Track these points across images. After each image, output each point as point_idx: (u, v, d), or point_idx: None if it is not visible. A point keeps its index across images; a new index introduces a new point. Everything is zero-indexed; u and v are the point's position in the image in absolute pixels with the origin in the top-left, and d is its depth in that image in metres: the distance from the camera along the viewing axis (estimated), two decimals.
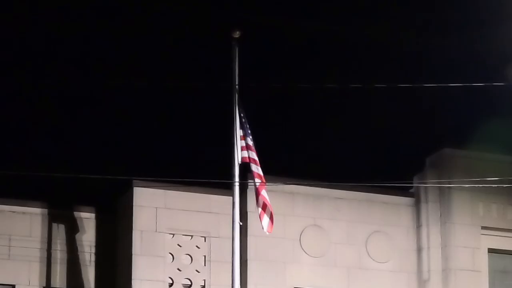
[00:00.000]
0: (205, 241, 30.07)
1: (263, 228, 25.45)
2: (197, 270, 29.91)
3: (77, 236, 30.86)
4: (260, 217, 25.43)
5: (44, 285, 30.21)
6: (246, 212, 28.01)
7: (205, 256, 30.00)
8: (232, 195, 25.48)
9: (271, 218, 25.51)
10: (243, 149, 25.66)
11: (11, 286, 30.01)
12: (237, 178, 25.59)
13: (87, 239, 30.89)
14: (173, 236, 29.84)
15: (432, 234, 32.46)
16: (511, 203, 33.05)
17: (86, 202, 31.48)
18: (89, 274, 30.94)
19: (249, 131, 25.76)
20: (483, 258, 32.85)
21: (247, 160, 25.53)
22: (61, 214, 30.89)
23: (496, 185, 31.29)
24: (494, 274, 33.49)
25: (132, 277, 29.13)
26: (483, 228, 32.69)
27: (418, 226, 32.76)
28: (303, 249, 31.09)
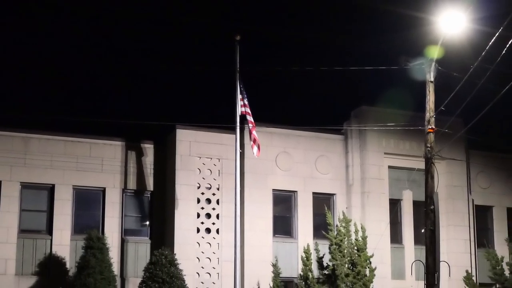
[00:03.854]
0: (219, 161, 33.08)
1: (253, 153, 29.11)
2: (214, 179, 32.93)
3: (142, 158, 33.46)
4: (252, 147, 28.99)
5: (123, 187, 32.84)
6: (244, 144, 30.75)
7: (219, 170, 33.00)
8: (235, 134, 28.73)
9: (258, 147, 28.99)
10: (241, 106, 28.61)
11: (102, 188, 32.52)
12: (238, 124, 28.76)
13: (149, 160, 33.56)
14: (200, 158, 32.85)
15: (354, 157, 35.31)
16: (402, 139, 35.56)
17: (148, 137, 34.04)
18: (150, 181, 33.53)
19: (246, 95, 28.76)
20: (385, 171, 35.69)
21: (244, 113, 28.72)
22: (132, 145, 33.35)
23: (392, 127, 33.36)
24: (391, 180, 36.21)
25: (176, 183, 32.02)
26: (385, 153, 35.64)
27: (346, 152, 35.60)
28: (277, 166, 34.14)
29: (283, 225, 34.24)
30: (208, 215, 32.54)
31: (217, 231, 32.45)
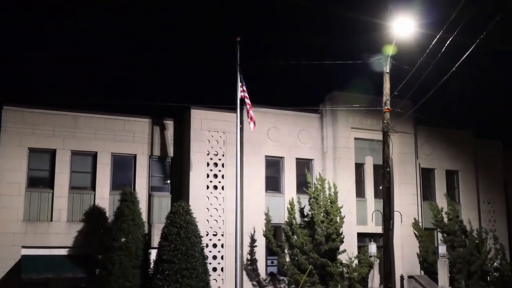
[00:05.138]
0: (224, 134, 32.87)
1: (250, 128, 28.77)
2: (220, 147, 32.74)
3: (165, 132, 33.23)
4: (249, 123, 28.68)
5: (150, 154, 32.65)
6: (243, 121, 29.56)
7: (224, 141, 32.80)
8: (236, 113, 28.56)
9: (254, 123, 28.63)
10: (241, 92, 28.30)
11: (134, 155, 32.27)
12: (238, 105, 28.44)
13: (169, 133, 33.26)
14: (209, 131, 32.63)
15: (328, 131, 35.06)
16: (365, 116, 35.16)
17: (169, 115, 33.67)
18: (170, 149, 33.23)
19: (244, 83, 28.39)
20: (352, 142, 35.31)
21: (243, 97, 28.36)
22: (157, 121, 33.12)
23: (357, 108, 33.99)
24: (356, 149, 35.62)
25: (190, 150, 31.98)
26: (352, 128, 35.25)
27: (322, 127, 35.36)
28: (269, 137, 33.98)
29: (273, 183, 34.04)
30: (215, 176, 32.44)
31: (222, 187, 32.37)
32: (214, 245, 31.67)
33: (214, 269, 31.19)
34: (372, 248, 31.63)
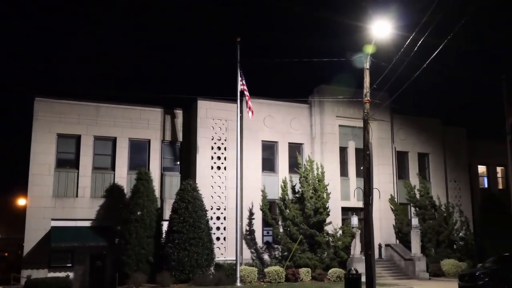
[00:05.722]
0: (226, 121, 32.57)
1: (249, 116, 29.22)
2: (222, 133, 32.42)
3: (175, 120, 32.89)
4: (248, 112, 29.01)
5: (162, 139, 32.45)
6: (242, 110, 29.60)
7: (226, 128, 32.49)
8: (237, 103, 28.73)
9: (252, 112, 29.02)
10: (241, 85, 28.44)
11: (148, 140, 32.21)
12: (238, 97, 28.49)
13: (179, 121, 32.99)
14: (213, 119, 32.38)
15: (316, 119, 34.81)
16: (348, 106, 34.77)
17: (178, 106, 33.47)
18: (180, 135, 32.98)
19: (243, 78, 28.54)
20: (336, 128, 34.99)
21: (243, 90, 28.50)
22: (168, 111, 32.94)
23: (341, 99, 33.68)
24: (340, 135, 35.29)
25: (197, 136, 31.84)
26: (336, 116, 34.95)
27: (311, 116, 35.05)
28: (265, 125, 33.64)
29: (268, 164, 33.85)
30: (219, 158, 32.32)
31: (224, 168, 32.26)
32: (218, 218, 31.67)
33: (218, 239, 31.23)
34: (354, 220, 31.77)
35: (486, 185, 43.25)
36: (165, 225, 28.90)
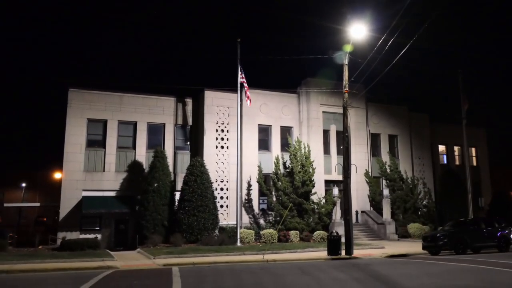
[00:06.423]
0: (228, 108, 32.18)
1: (247, 104, 28.81)
2: (225, 118, 32.01)
3: (185, 107, 32.48)
4: (246, 100, 28.50)
5: (175, 123, 31.97)
6: (242, 99, 29.00)
7: (228, 114, 32.12)
8: (237, 93, 28.49)
9: (250, 101, 28.59)
10: (241, 78, 28.09)
11: (163, 124, 31.82)
12: (238, 87, 28.18)
13: (189, 108, 32.54)
14: (217, 107, 32.02)
15: (303, 106, 34.49)
16: (330, 96, 34.45)
17: (189, 95, 33.04)
18: (190, 119, 32.40)
19: (243, 72, 28.21)
20: (321, 114, 34.71)
21: (242, 82, 28.14)
22: (180, 99, 32.34)
23: (325, 90, 33.72)
24: (324, 119, 34.78)
25: (204, 120, 31.53)
26: (321, 104, 34.69)
27: (299, 104, 34.69)
28: (261, 111, 33.35)
29: (264, 144, 33.59)
30: (222, 139, 32.07)
31: (227, 147, 32.04)
32: (221, 189, 31.56)
33: (221, 206, 31.19)
34: (335, 191, 31.88)
35: (445, 162, 43.14)
36: (177, 195, 29.01)
